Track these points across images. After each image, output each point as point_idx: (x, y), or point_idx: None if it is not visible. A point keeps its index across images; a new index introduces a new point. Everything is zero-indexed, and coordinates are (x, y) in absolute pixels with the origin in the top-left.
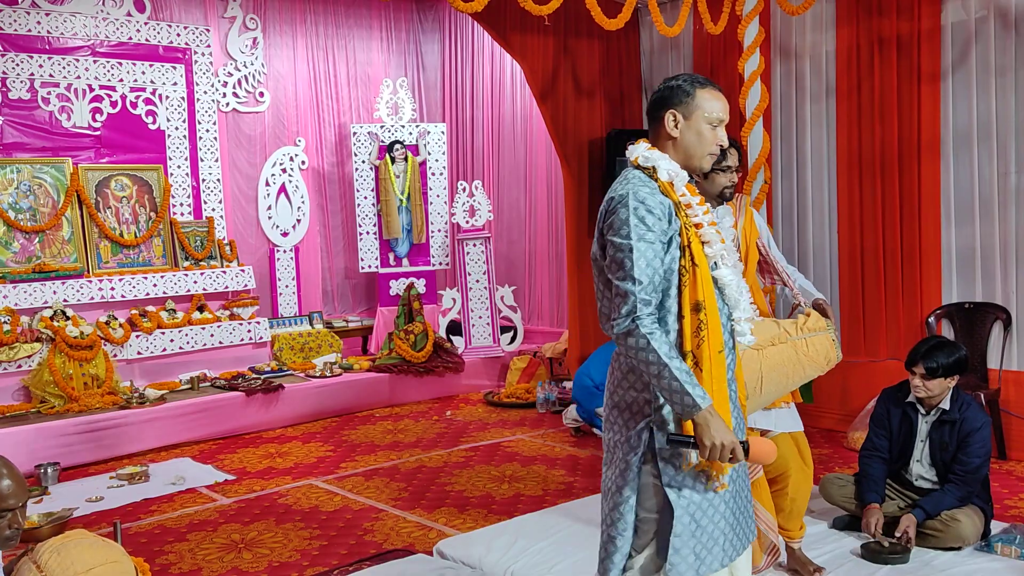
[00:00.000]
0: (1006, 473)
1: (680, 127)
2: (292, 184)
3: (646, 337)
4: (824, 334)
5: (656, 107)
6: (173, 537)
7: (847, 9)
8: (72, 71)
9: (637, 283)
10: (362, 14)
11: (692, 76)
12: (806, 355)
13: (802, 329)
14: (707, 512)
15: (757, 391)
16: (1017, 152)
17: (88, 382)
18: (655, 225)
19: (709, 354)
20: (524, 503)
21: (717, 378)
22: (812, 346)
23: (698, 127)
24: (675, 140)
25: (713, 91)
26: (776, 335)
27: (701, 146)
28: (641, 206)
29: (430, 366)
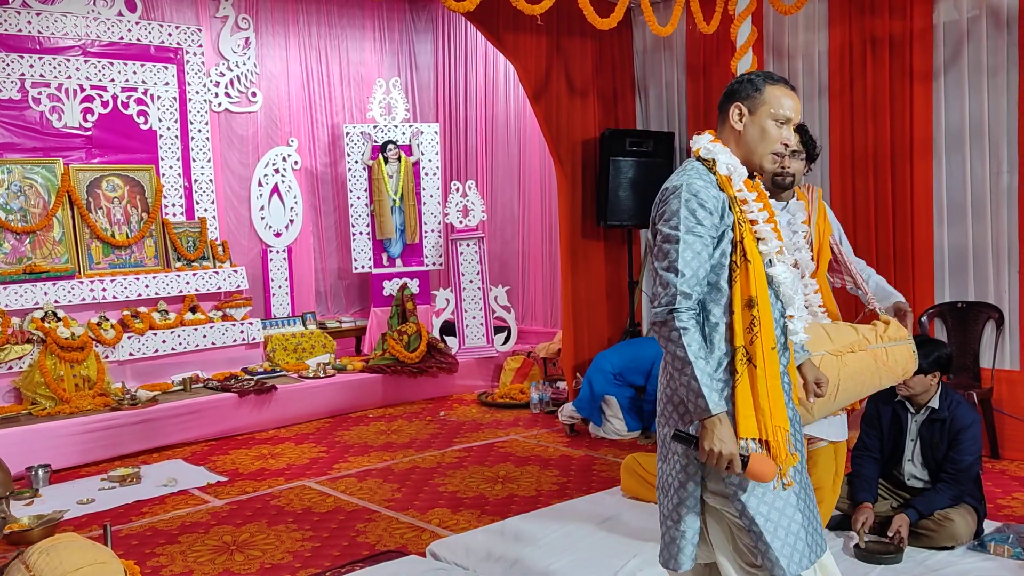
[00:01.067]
0: (999, 472)
1: (745, 121)
2: (285, 184)
3: (679, 331)
4: (905, 344)
5: (725, 100)
6: (164, 539)
7: (840, 8)
8: (63, 71)
9: (680, 275)
10: (355, 14)
11: (766, 73)
12: (885, 364)
13: (882, 337)
14: (776, 505)
15: (832, 398)
16: (1009, 152)
17: (79, 383)
18: (705, 219)
19: (762, 351)
20: (518, 504)
21: (771, 375)
22: (892, 356)
23: (762, 123)
24: (739, 134)
25: (784, 88)
26: (855, 341)
27: (764, 143)
28: (694, 199)
29: (424, 367)
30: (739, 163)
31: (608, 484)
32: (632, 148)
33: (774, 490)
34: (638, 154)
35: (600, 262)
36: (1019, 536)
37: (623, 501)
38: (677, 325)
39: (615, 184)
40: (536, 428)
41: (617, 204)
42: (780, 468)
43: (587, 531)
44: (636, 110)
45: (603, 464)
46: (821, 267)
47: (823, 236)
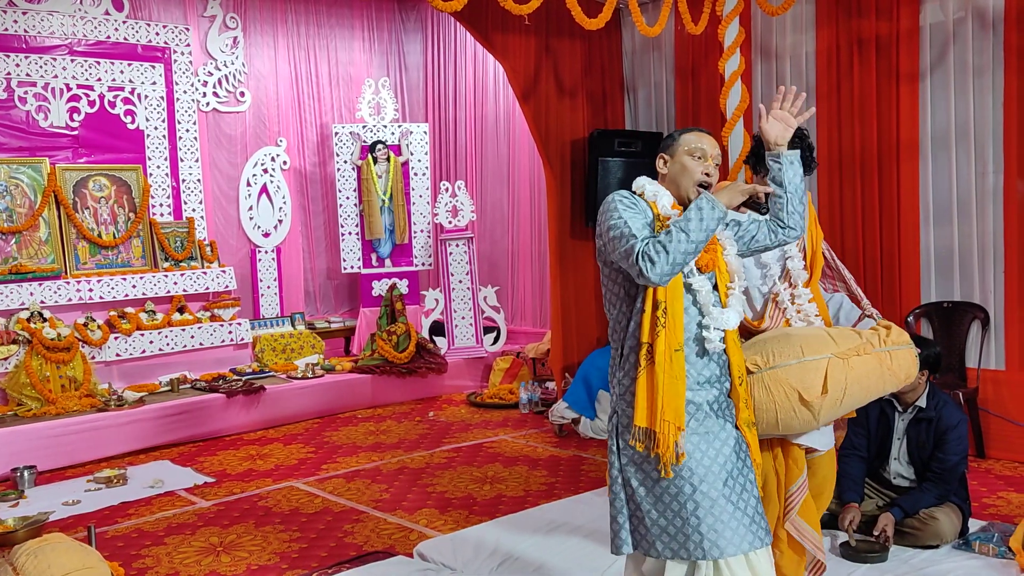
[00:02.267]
0: (984, 471)
1: (668, 165)
2: (274, 184)
3: (653, 246)
4: (908, 348)
5: (656, 154)
6: (150, 540)
7: (827, 10)
8: (49, 70)
9: (636, 236)
10: (344, 14)
11: (681, 129)
12: (889, 368)
13: (885, 341)
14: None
15: (838, 403)
16: (995, 152)
17: (66, 384)
18: (638, 207)
19: (664, 348)
20: (506, 504)
21: (671, 375)
22: (896, 360)
23: (681, 160)
24: (664, 177)
25: (697, 132)
26: (860, 344)
27: (685, 175)
28: (625, 198)
29: (413, 367)
30: (665, 191)
31: (596, 484)
32: (621, 148)
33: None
34: (627, 154)
35: (589, 262)
36: (1004, 535)
37: None
38: (650, 248)
39: (604, 184)
40: (525, 428)
41: None
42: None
43: (575, 531)
44: (625, 110)
45: (591, 464)
46: (815, 275)
47: (816, 243)
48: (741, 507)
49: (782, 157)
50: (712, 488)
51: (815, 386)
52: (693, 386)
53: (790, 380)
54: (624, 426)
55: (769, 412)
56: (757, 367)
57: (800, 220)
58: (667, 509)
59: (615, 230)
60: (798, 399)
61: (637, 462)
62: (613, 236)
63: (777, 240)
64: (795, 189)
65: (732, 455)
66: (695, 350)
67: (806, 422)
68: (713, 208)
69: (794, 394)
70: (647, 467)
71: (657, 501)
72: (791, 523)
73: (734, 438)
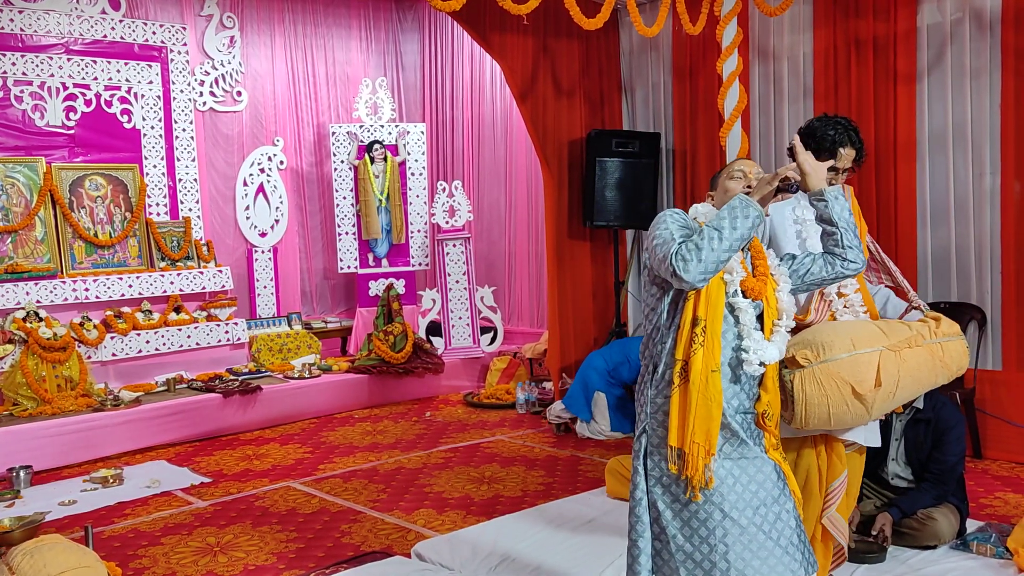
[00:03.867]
0: (981, 472)
1: (714, 197)
2: (270, 184)
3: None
4: (959, 340)
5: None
6: (147, 541)
7: (824, 11)
8: (46, 69)
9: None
10: (341, 13)
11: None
12: (941, 360)
13: (936, 333)
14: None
15: (891, 396)
16: (992, 153)
17: (61, 384)
18: (688, 222)
19: (700, 368)
20: (503, 504)
21: (705, 396)
22: (948, 352)
23: (724, 185)
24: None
25: (737, 160)
26: (911, 337)
27: (729, 196)
28: (676, 214)
29: (410, 367)
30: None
31: (594, 484)
32: (618, 149)
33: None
34: (624, 155)
35: (586, 262)
36: (1001, 535)
37: (608, 502)
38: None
39: (601, 184)
40: (522, 428)
41: (603, 204)
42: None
43: (572, 531)
44: (622, 111)
45: (589, 464)
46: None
47: (861, 234)
48: (774, 537)
49: (826, 194)
50: (743, 516)
51: (868, 379)
52: (728, 410)
53: (842, 373)
54: (655, 446)
55: (821, 407)
56: (808, 361)
57: (859, 252)
58: (694, 535)
59: (659, 239)
60: (851, 392)
61: (665, 484)
62: (655, 244)
63: (835, 272)
64: (846, 223)
65: (768, 483)
66: (729, 375)
67: (859, 416)
68: (746, 206)
69: (847, 387)
70: (676, 489)
71: (684, 525)
72: (828, 518)
73: (771, 466)
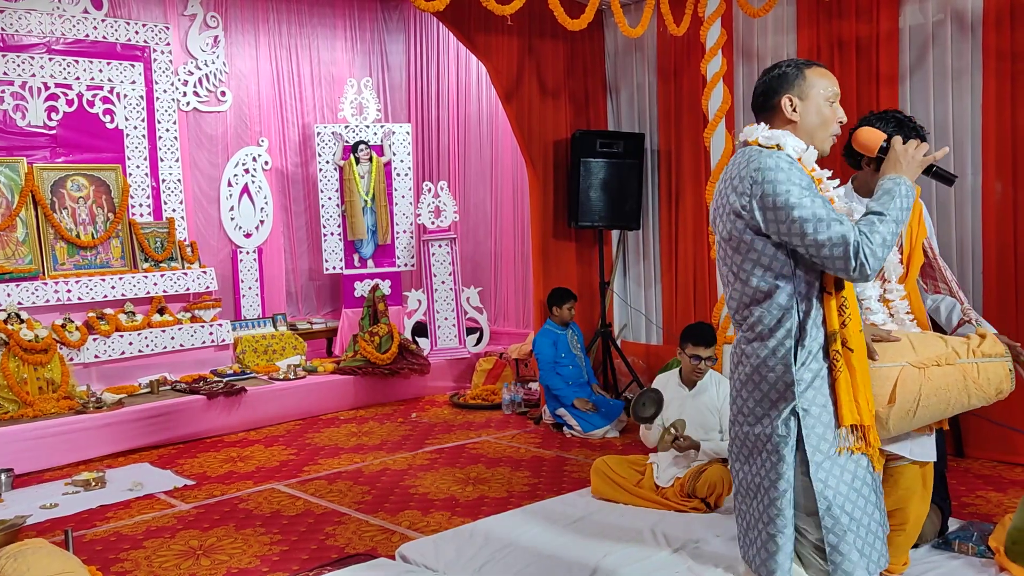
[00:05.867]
0: (963, 471)
1: (799, 110)
2: (255, 185)
3: (868, 241)
4: (1001, 361)
5: (768, 96)
6: (129, 544)
7: (807, 12)
8: (27, 69)
9: (842, 221)
10: (326, 13)
11: (795, 60)
12: (975, 382)
13: (974, 352)
14: (858, 504)
15: (910, 414)
16: (973, 154)
17: (43, 386)
18: (805, 177)
19: (854, 333)
20: (489, 505)
21: (861, 360)
22: (984, 373)
23: (818, 105)
24: (795, 124)
25: (821, 69)
26: (943, 354)
27: (824, 127)
28: (791, 167)
29: (395, 368)
30: (804, 145)
31: (579, 485)
32: (603, 149)
33: (852, 481)
34: (609, 155)
35: (572, 263)
36: (983, 534)
37: (594, 502)
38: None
39: (586, 185)
40: (508, 429)
41: (588, 205)
42: (874, 454)
43: (558, 532)
44: (607, 111)
45: (574, 465)
46: (912, 272)
47: (916, 239)
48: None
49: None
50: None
51: (881, 395)
52: None
53: None
54: (821, 426)
55: None
56: None
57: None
58: (865, 502)
59: (801, 209)
60: None
61: (833, 461)
62: (801, 217)
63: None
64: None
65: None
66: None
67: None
68: (910, 194)
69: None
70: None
71: (856, 495)
72: None
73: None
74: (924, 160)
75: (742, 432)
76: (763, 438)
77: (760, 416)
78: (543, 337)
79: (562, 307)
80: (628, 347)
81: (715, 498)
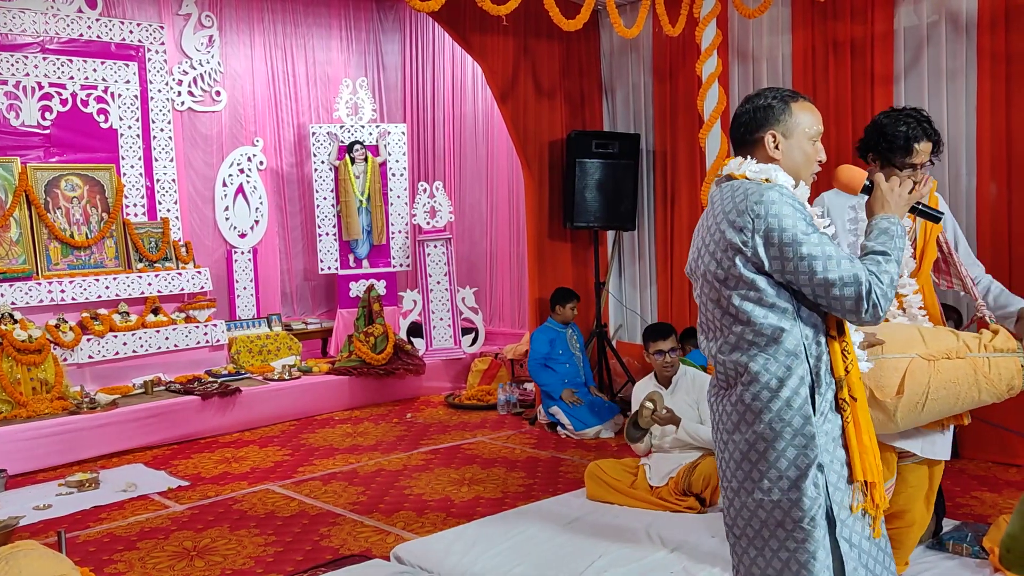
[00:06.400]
0: (958, 471)
1: (783, 148)
2: (250, 185)
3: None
4: (1013, 357)
5: (750, 130)
6: (123, 545)
7: (802, 13)
8: (21, 68)
9: (852, 260)
10: (321, 13)
11: (780, 91)
12: (985, 377)
13: (986, 347)
14: (879, 559)
15: (919, 407)
16: (967, 155)
17: (37, 387)
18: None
19: (856, 381)
20: (484, 506)
21: (865, 410)
22: (995, 368)
23: (801, 144)
24: (777, 160)
25: (806, 103)
26: (954, 348)
27: (807, 165)
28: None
29: (390, 368)
30: (794, 181)
31: (574, 486)
32: (598, 150)
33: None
34: (604, 156)
35: (567, 263)
36: (977, 535)
37: (588, 503)
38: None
39: (581, 185)
40: (503, 430)
41: (584, 205)
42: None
43: (553, 532)
44: (603, 112)
45: (569, 466)
46: (924, 266)
47: (930, 233)
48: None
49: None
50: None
51: (890, 386)
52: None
53: (864, 377)
54: (841, 487)
55: None
56: None
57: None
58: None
59: (809, 246)
60: (871, 397)
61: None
62: (810, 255)
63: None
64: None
65: None
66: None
67: (880, 423)
68: (904, 233)
69: (866, 391)
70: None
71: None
72: None
73: None
74: (911, 197)
75: (751, 502)
76: (785, 504)
77: (776, 479)
78: (541, 333)
79: (565, 306)
80: (623, 347)
81: (710, 492)
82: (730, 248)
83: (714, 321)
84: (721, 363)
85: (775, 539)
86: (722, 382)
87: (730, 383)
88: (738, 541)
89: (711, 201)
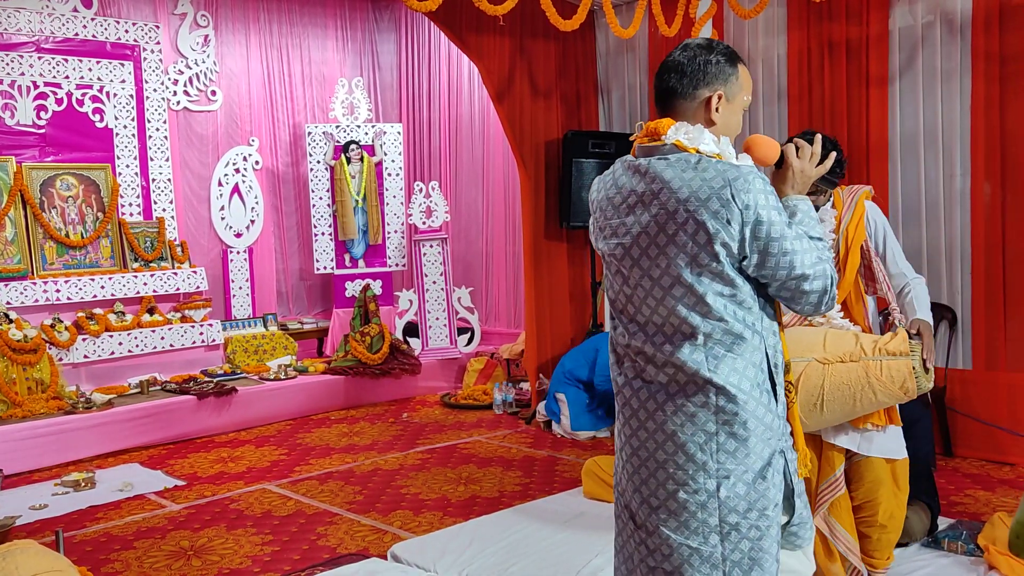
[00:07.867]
0: (952, 470)
1: (722, 111)
2: (246, 184)
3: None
4: (904, 360)
5: (695, 84)
6: (119, 545)
7: (798, 13)
8: (16, 68)
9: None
10: (317, 12)
11: (728, 48)
12: (878, 379)
13: (881, 350)
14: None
15: (817, 408)
16: (962, 155)
17: (32, 387)
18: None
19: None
20: (480, 505)
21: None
22: (887, 371)
23: (736, 112)
24: (715, 126)
25: (745, 68)
26: (849, 352)
27: (732, 130)
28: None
29: (386, 368)
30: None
31: (571, 484)
32: (594, 150)
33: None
34: (600, 156)
35: (563, 263)
36: (972, 533)
37: (585, 501)
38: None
39: (578, 185)
40: (499, 429)
41: (580, 205)
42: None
43: (550, 531)
44: (599, 112)
45: (566, 465)
46: (846, 275)
47: (852, 241)
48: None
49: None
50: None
51: None
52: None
53: None
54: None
55: None
56: None
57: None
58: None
59: (791, 241)
60: None
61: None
62: (792, 250)
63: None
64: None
65: None
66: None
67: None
68: (810, 209)
69: None
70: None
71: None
72: (822, 519)
73: None
74: (817, 172)
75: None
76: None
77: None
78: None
79: None
80: None
81: None
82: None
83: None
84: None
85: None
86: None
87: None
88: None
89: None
